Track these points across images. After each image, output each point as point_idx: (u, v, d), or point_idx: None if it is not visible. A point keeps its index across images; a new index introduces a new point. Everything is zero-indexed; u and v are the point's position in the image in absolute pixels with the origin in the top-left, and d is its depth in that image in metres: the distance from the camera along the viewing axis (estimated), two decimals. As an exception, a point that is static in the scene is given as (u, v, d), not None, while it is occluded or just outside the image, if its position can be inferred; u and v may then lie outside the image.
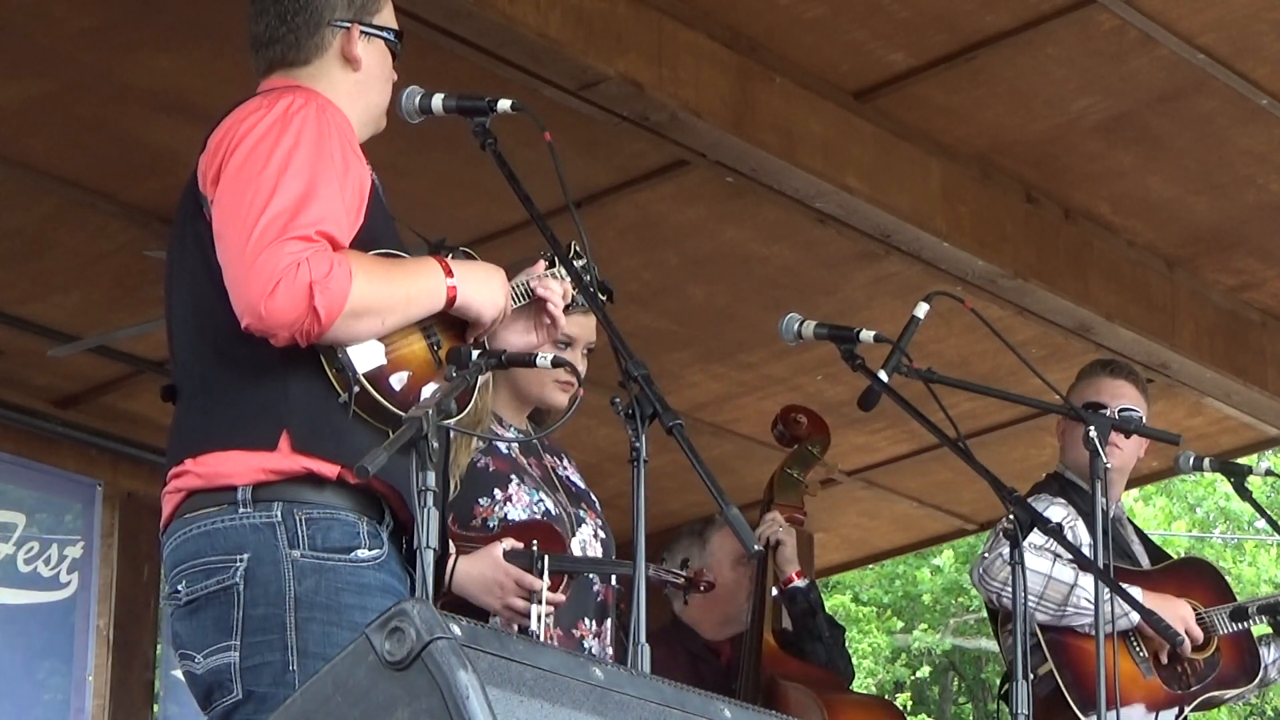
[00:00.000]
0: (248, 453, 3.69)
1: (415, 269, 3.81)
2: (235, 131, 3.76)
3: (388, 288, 3.70)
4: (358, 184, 3.79)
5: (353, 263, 3.65)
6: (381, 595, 3.70)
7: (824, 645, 6.14)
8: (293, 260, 3.58)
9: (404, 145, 6.46)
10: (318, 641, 3.63)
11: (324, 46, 3.92)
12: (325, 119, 3.76)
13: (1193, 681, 5.85)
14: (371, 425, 3.69)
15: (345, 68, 3.93)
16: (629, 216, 6.88)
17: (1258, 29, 6.26)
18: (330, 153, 3.73)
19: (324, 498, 3.68)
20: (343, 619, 3.65)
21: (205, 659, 3.68)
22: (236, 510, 3.67)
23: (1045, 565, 5.66)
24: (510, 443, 4.82)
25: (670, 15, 6.10)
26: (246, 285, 3.60)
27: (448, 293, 3.80)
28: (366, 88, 3.96)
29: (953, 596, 19.04)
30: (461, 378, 3.75)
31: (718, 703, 3.46)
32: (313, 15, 3.91)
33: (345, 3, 3.93)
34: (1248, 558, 18.84)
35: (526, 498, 4.68)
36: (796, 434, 6.24)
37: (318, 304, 3.57)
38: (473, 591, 4.51)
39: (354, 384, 3.65)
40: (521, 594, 4.53)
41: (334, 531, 3.68)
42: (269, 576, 3.64)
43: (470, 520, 4.60)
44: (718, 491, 4.23)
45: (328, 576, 3.65)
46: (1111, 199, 7.23)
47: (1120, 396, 5.92)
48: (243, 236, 3.62)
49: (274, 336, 3.62)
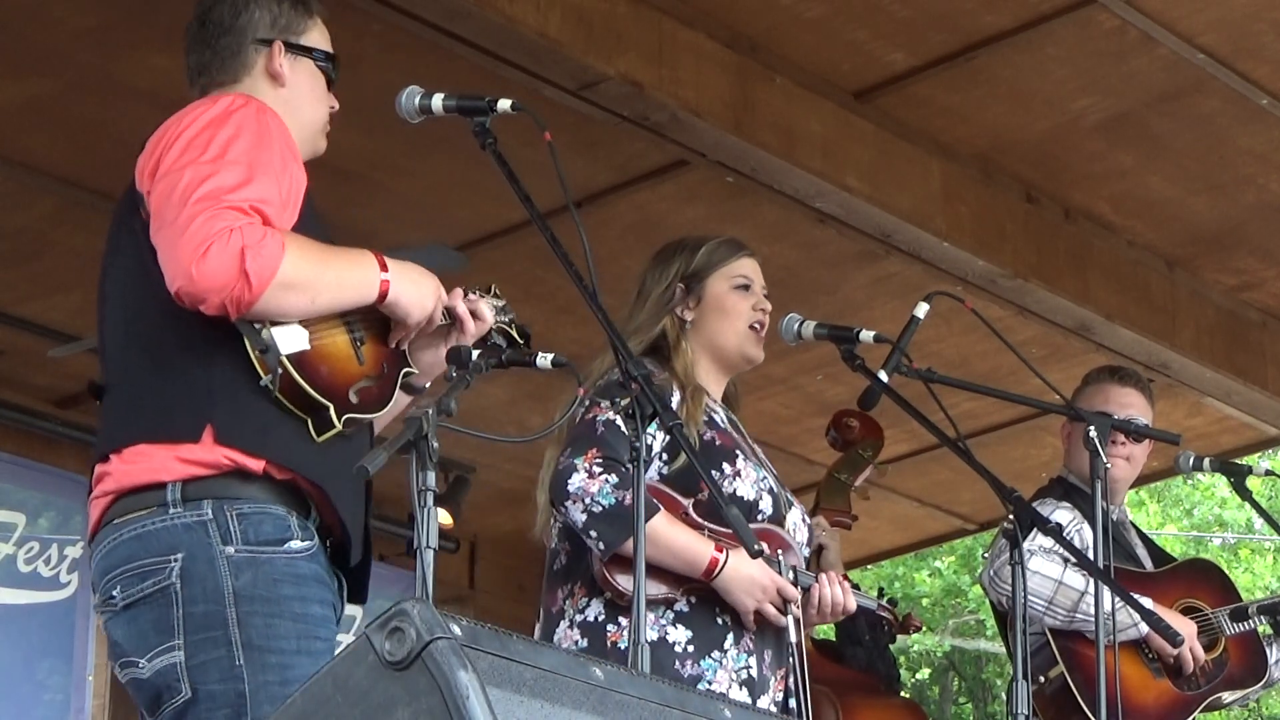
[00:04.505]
0: (171, 445, 3.69)
1: (350, 255, 3.83)
2: (175, 127, 3.80)
3: (320, 267, 3.72)
4: (295, 182, 3.81)
5: (287, 238, 3.67)
6: (317, 585, 3.72)
7: (864, 649, 6.14)
8: (226, 226, 3.60)
9: (404, 145, 6.48)
10: (261, 634, 3.64)
11: (250, 65, 3.98)
12: (265, 118, 3.81)
13: (1202, 683, 5.85)
14: (294, 415, 3.69)
15: (272, 85, 3.98)
16: (629, 216, 6.88)
17: (1258, 29, 6.26)
18: (270, 146, 3.76)
19: (252, 492, 3.69)
20: (283, 610, 3.66)
21: (150, 662, 3.68)
22: (167, 511, 3.67)
23: (1055, 570, 5.65)
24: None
25: (670, 15, 6.10)
26: (178, 249, 3.61)
27: (380, 285, 3.81)
28: (296, 106, 3.99)
29: (952, 598, 19.05)
30: (462, 377, 3.75)
31: (717, 703, 3.47)
32: (237, 36, 3.98)
33: (269, 22, 3.99)
34: (1243, 564, 18.83)
35: (754, 474, 4.69)
36: (849, 438, 6.20)
37: (249, 268, 3.58)
38: (735, 587, 4.53)
39: (276, 366, 3.65)
40: (778, 601, 4.57)
41: (265, 525, 3.68)
42: (205, 574, 3.65)
43: (698, 492, 4.60)
44: (718, 491, 4.24)
45: (264, 569, 3.66)
46: (1111, 199, 7.24)
47: (1128, 406, 5.89)
48: (178, 208, 3.64)
49: (204, 303, 3.61)
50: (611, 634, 4.51)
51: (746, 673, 4.57)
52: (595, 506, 4.42)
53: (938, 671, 20.50)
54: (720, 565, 4.50)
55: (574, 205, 4.27)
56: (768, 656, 4.64)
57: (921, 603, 18.87)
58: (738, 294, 4.85)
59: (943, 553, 18.37)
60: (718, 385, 4.87)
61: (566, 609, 4.59)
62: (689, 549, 4.50)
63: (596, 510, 4.41)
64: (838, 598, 4.74)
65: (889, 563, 17.11)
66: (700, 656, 4.53)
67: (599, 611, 4.55)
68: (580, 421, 4.57)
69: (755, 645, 4.61)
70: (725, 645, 4.57)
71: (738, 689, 4.54)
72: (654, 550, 4.39)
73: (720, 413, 4.79)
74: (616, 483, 4.41)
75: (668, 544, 4.46)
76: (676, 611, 4.55)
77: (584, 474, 4.44)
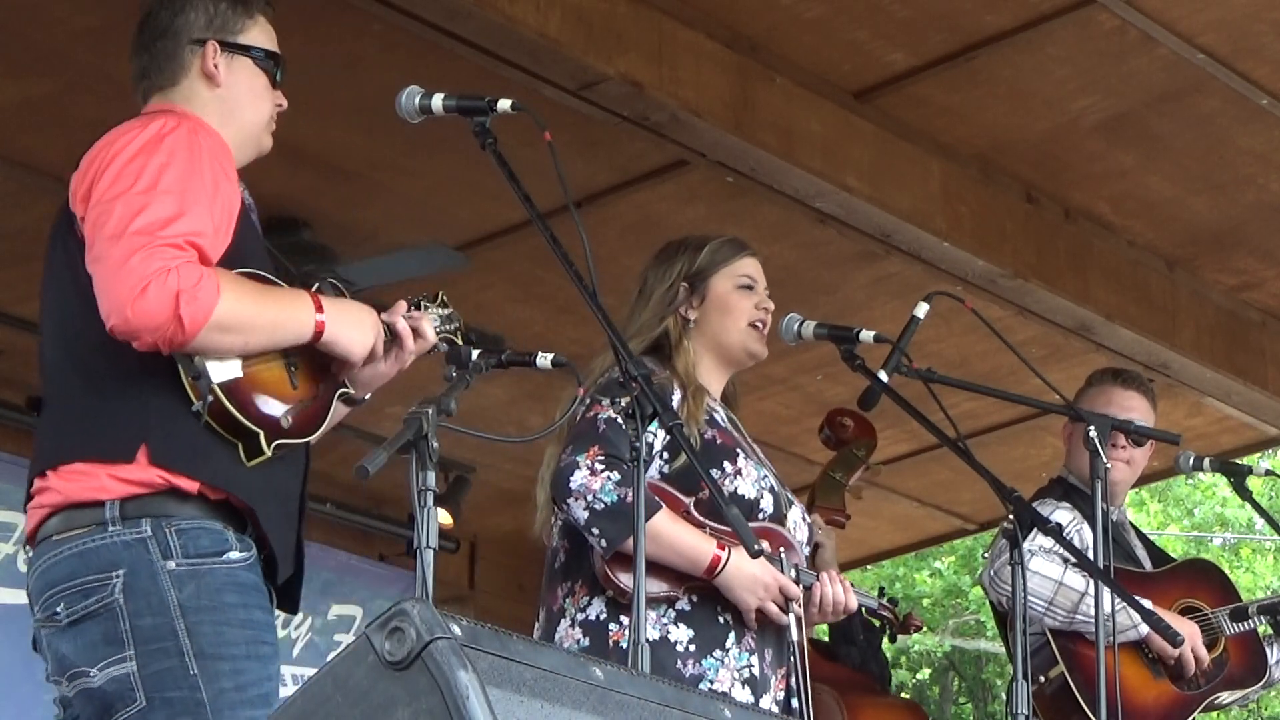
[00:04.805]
0: (106, 465, 3.72)
1: (286, 298, 3.84)
2: (108, 151, 3.81)
3: (255, 309, 3.74)
4: (227, 204, 3.82)
5: (222, 280, 3.69)
6: (258, 593, 3.77)
7: (858, 649, 6.14)
8: (163, 266, 3.62)
9: (404, 145, 6.48)
10: (211, 642, 3.68)
11: (187, 66, 3.98)
12: (197, 140, 3.81)
13: (1202, 683, 5.85)
14: (225, 440, 3.73)
15: (208, 85, 3.98)
16: (629, 216, 6.88)
17: (1258, 29, 6.26)
18: (201, 172, 3.78)
19: (189, 510, 3.73)
20: (230, 617, 3.70)
21: (101, 671, 3.70)
22: (106, 529, 3.70)
23: (1056, 571, 5.65)
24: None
25: (670, 15, 6.10)
26: (115, 286, 3.64)
27: (315, 327, 3.82)
28: (235, 105, 3.99)
29: (952, 599, 19.05)
30: (462, 377, 3.76)
31: (717, 703, 3.47)
32: (172, 38, 3.98)
33: (204, 22, 3.99)
34: (1244, 564, 18.82)
35: (754, 473, 4.69)
36: (843, 438, 6.22)
37: (183, 312, 3.61)
38: (737, 584, 4.54)
39: (208, 393, 3.68)
40: (780, 600, 4.58)
41: (204, 539, 3.73)
42: (148, 588, 3.68)
43: (699, 491, 4.60)
44: (718, 491, 4.24)
45: (205, 580, 3.70)
46: (1111, 199, 7.24)
47: (1130, 410, 5.88)
48: (114, 243, 3.66)
49: (137, 340, 3.65)
50: (614, 633, 4.51)
51: (749, 671, 4.57)
52: (597, 504, 4.42)
53: (938, 671, 20.50)
54: (722, 563, 4.50)
55: (574, 205, 4.26)
56: (769, 655, 4.64)
57: (922, 603, 18.87)
58: (741, 293, 4.86)
59: (943, 553, 18.37)
60: (718, 384, 4.88)
61: (567, 607, 4.59)
62: (691, 547, 4.51)
63: (598, 507, 4.42)
64: (839, 596, 4.75)
65: (889, 563, 17.12)
66: (702, 655, 4.53)
67: (601, 610, 4.55)
68: (581, 419, 4.57)
69: (757, 644, 4.61)
70: (727, 644, 4.58)
71: (740, 688, 4.54)
72: (656, 548, 4.39)
73: (720, 412, 4.80)
74: (618, 480, 4.42)
75: (670, 541, 4.47)
76: (678, 610, 4.56)
77: (586, 471, 4.44)
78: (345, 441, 8.58)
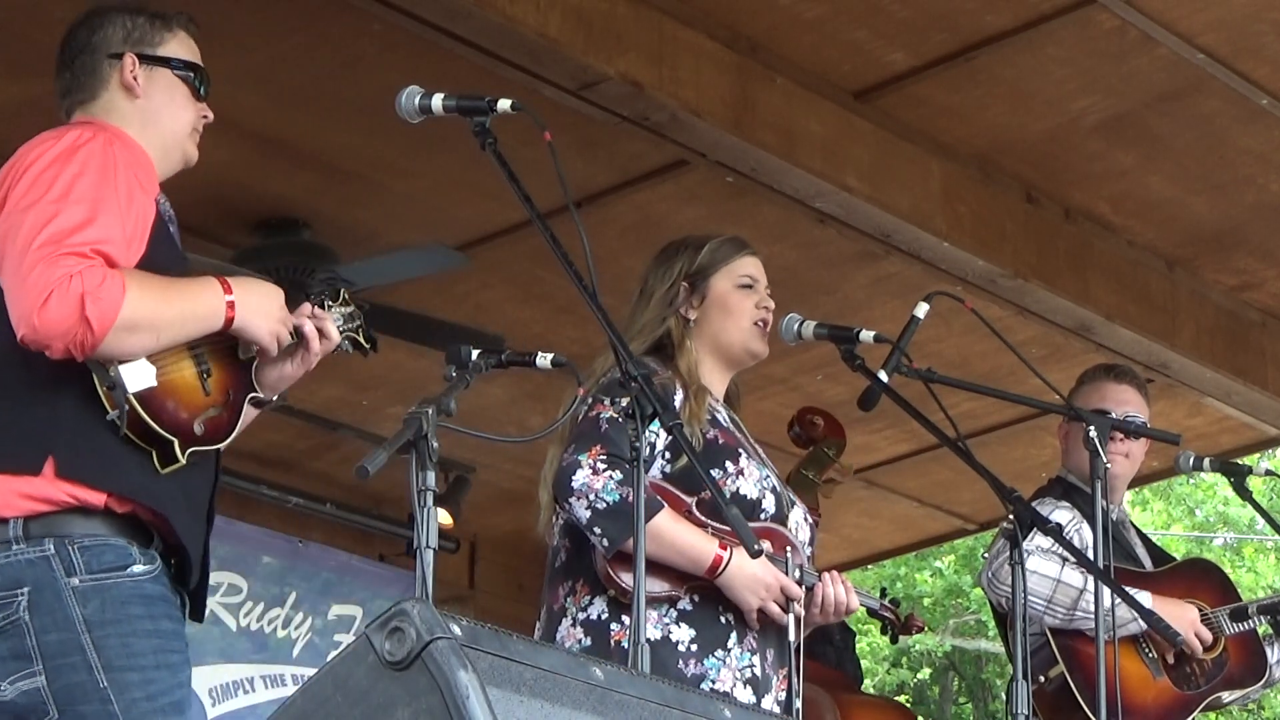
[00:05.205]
0: (11, 477, 3.74)
1: (193, 287, 3.86)
2: (23, 161, 3.85)
3: (162, 303, 3.75)
4: (141, 214, 3.85)
5: (128, 278, 3.71)
6: (165, 603, 3.79)
7: (834, 648, 6.14)
8: (66, 273, 3.65)
9: (404, 145, 6.47)
10: (119, 655, 3.71)
11: (106, 80, 4.03)
12: (111, 150, 3.85)
13: (1202, 682, 5.85)
14: (139, 448, 3.75)
15: (127, 97, 4.02)
16: (629, 216, 6.88)
17: (1258, 29, 6.26)
18: (114, 183, 3.80)
19: (93, 527, 3.74)
20: (136, 628, 3.73)
21: (12, 685, 3.72)
22: (10, 547, 3.72)
23: (1054, 569, 5.65)
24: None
25: (670, 15, 6.10)
26: (22, 296, 3.67)
27: (226, 311, 3.84)
28: (154, 115, 4.03)
29: (953, 599, 19.05)
30: (461, 377, 3.76)
31: (718, 703, 3.47)
32: (92, 54, 4.04)
33: (121, 37, 4.04)
34: (1247, 563, 18.82)
35: (756, 473, 4.69)
36: (813, 435, 6.24)
37: (89, 314, 3.63)
38: (739, 584, 4.54)
39: (124, 402, 3.70)
40: (782, 600, 4.58)
41: (107, 555, 3.74)
42: (53, 605, 3.70)
43: (700, 491, 4.60)
44: (717, 492, 4.24)
45: (110, 594, 3.72)
46: (1111, 199, 7.23)
47: (1125, 403, 5.89)
48: (21, 253, 3.69)
49: (49, 348, 3.67)
50: (615, 633, 4.51)
51: (750, 671, 4.57)
52: (599, 503, 4.42)
53: (938, 671, 20.50)
54: (724, 563, 4.50)
55: (574, 205, 4.26)
56: (770, 655, 4.64)
57: (923, 603, 18.88)
58: (741, 292, 4.86)
59: (943, 553, 18.37)
60: (720, 384, 4.88)
61: (569, 607, 4.59)
62: (693, 546, 4.51)
63: (600, 507, 4.42)
64: (841, 597, 4.75)
65: (890, 562, 17.12)
66: (704, 655, 4.53)
67: (602, 610, 4.55)
68: (584, 419, 4.57)
69: (758, 644, 4.61)
70: (729, 644, 4.58)
71: (742, 688, 4.55)
72: (658, 547, 4.39)
73: (723, 412, 4.80)
74: (620, 479, 4.42)
75: (672, 541, 4.47)
76: (680, 610, 4.56)
77: (588, 470, 4.45)
78: (345, 441, 8.59)
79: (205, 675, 8.52)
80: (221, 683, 8.63)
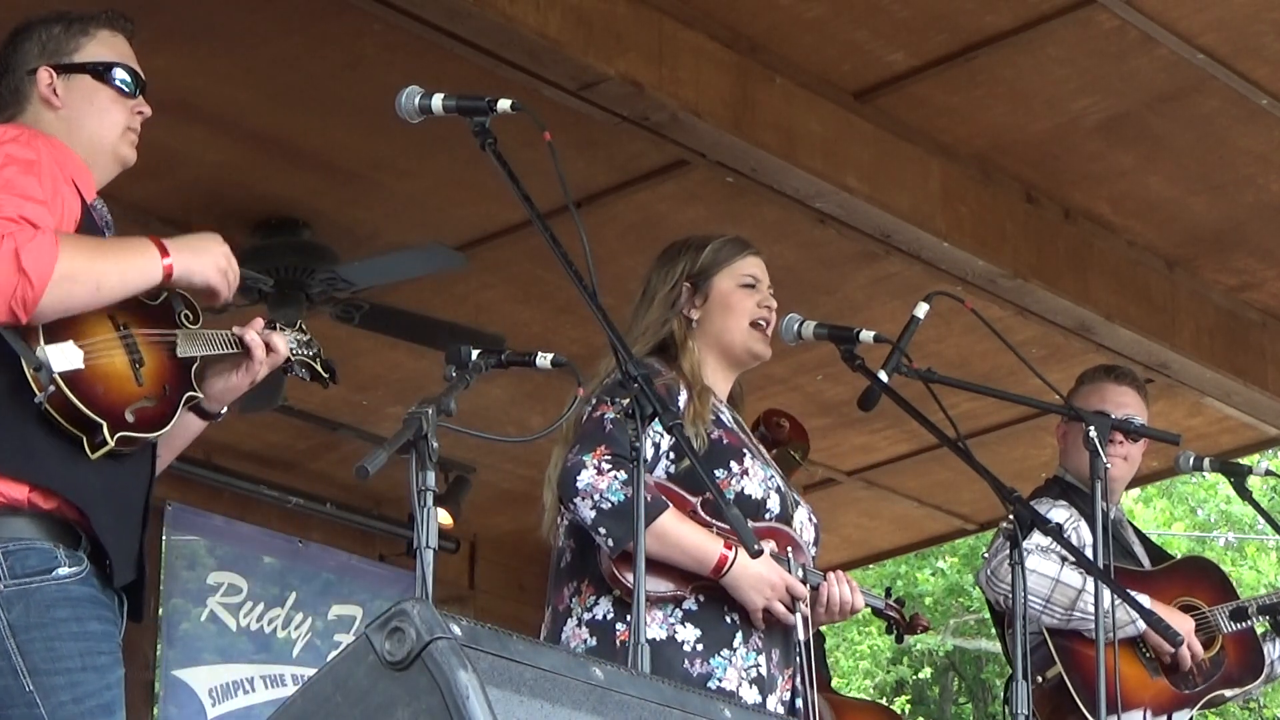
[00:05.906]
0: None
1: (126, 242, 3.89)
2: None
3: (97, 255, 3.78)
4: (66, 208, 3.86)
5: (59, 235, 3.73)
6: (92, 605, 3.78)
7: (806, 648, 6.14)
8: None
9: (404, 145, 6.48)
10: (44, 658, 3.70)
11: (29, 95, 4.05)
12: (37, 145, 3.87)
13: (1199, 681, 5.85)
14: (64, 432, 3.73)
15: (49, 108, 4.04)
16: (629, 216, 6.88)
17: (1258, 29, 6.26)
18: (38, 176, 3.82)
19: (17, 529, 3.74)
20: (61, 631, 3.72)
21: None
22: None
23: (1052, 569, 5.65)
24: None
25: (670, 15, 6.10)
26: None
27: (163, 264, 3.85)
28: (77, 123, 4.04)
29: (954, 598, 19.05)
30: (461, 377, 3.76)
31: (718, 703, 3.47)
32: (13, 73, 4.06)
33: (37, 51, 4.07)
34: (1248, 561, 18.82)
35: (761, 473, 4.68)
36: (778, 438, 6.24)
37: (25, 265, 3.64)
38: (744, 584, 4.53)
39: (49, 384, 3.69)
40: (787, 599, 4.58)
41: (31, 558, 3.74)
42: None
43: (704, 491, 4.59)
44: (717, 492, 4.24)
45: (35, 597, 3.72)
46: (1111, 199, 7.24)
47: (1124, 405, 5.88)
48: None
49: None
50: (620, 633, 4.51)
51: (756, 671, 4.57)
52: (604, 503, 4.42)
53: (938, 671, 20.50)
54: (730, 562, 4.50)
55: (574, 205, 4.26)
56: (775, 655, 4.64)
57: (924, 602, 18.88)
58: (743, 292, 4.85)
59: (944, 552, 18.38)
60: (724, 384, 4.88)
61: (574, 607, 4.59)
62: (699, 546, 4.51)
63: (605, 507, 4.42)
64: (846, 596, 4.74)
65: (891, 562, 17.12)
66: (710, 655, 4.54)
67: (608, 610, 4.55)
68: (588, 419, 4.57)
69: (764, 644, 4.61)
70: (734, 644, 4.58)
71: (748, 687, 4.54)
72: (664, 547, 4.39)
73: (726, 412, 4.80)
74: (625, 479, 4.42)
75: (677, 540, 4.47)
76: (685, 610, 4.55)
77: (593, 470, 4.44)
78: (345, 441, 8.60)
79: (205, 675, 8.53)
80: (221, 683, 8.63)
